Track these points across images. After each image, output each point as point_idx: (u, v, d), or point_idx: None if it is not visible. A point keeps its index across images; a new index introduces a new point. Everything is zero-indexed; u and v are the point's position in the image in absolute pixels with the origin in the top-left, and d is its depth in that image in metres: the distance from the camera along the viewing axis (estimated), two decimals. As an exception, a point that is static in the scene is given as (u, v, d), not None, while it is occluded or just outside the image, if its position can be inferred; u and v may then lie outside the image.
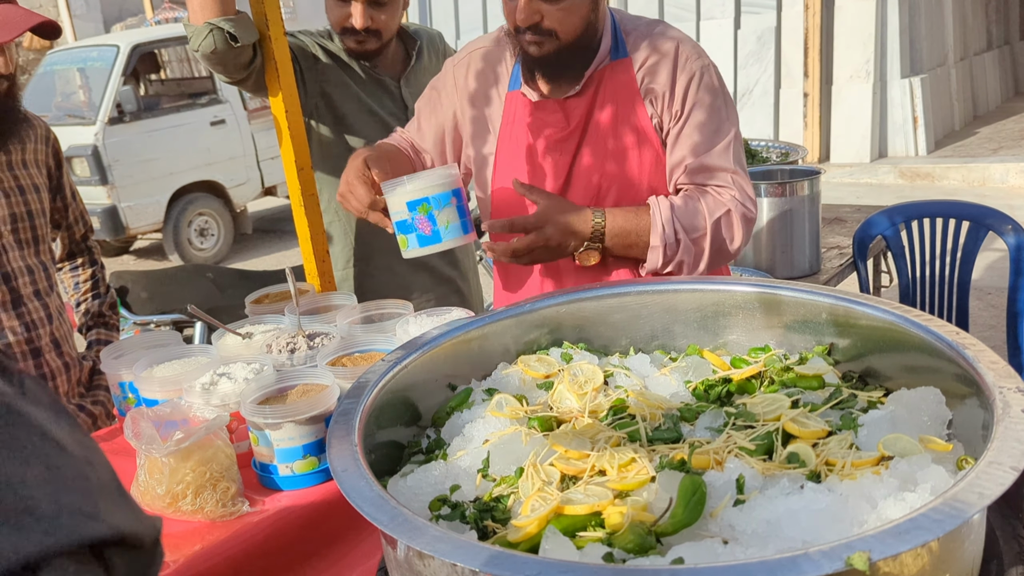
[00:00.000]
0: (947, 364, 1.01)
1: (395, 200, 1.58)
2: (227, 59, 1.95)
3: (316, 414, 1.40)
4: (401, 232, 1.60)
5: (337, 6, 2.14)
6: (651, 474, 0.91)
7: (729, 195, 1.67)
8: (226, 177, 7.97)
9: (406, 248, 1.61)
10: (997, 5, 11.59)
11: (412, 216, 1.57)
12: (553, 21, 1.58)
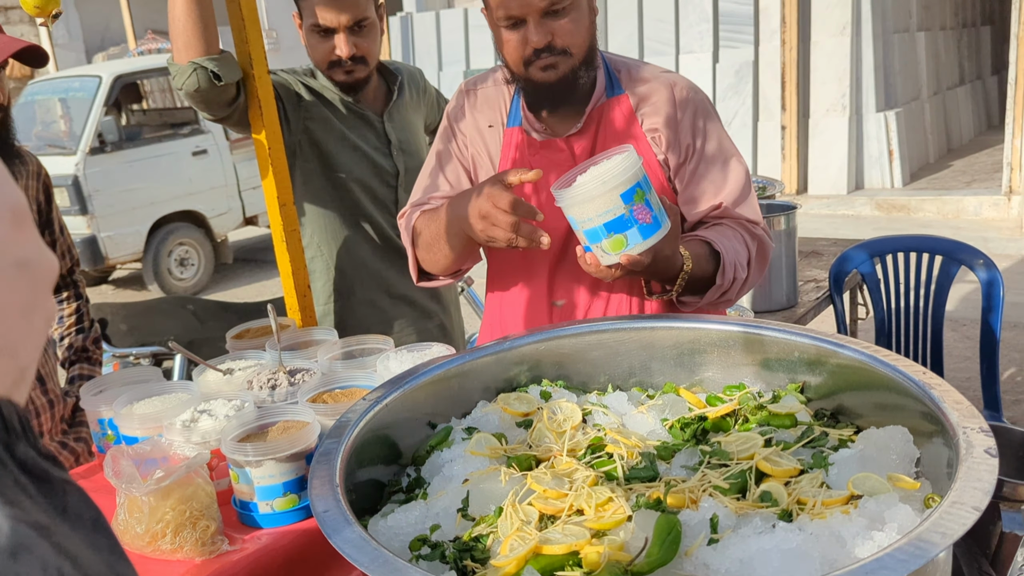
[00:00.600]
0: (914, 403, 1.03)
1: (604, 198, 1.31)
2: (210, 97, 1.98)
3: (297, 451, 1.40)
4: (614, 232, 1.32)
5: (320, 43, 2.17)
6: (627, 513, 0.93)
7: (761, 229, 1.66)
8: (207, 207, 7.96)
9: (624, 247, 1.33)
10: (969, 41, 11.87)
11: (630, 208, 1.31)
12: (565, 37, 1.57)
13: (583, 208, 1.34)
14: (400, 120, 2.39)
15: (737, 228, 1.65)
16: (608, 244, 1.34)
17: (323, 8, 2.12)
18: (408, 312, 2.40)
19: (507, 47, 1.61)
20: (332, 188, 2.28)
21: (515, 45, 1.59)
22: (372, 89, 2.35)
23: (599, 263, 1.37)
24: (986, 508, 1.01)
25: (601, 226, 1.33)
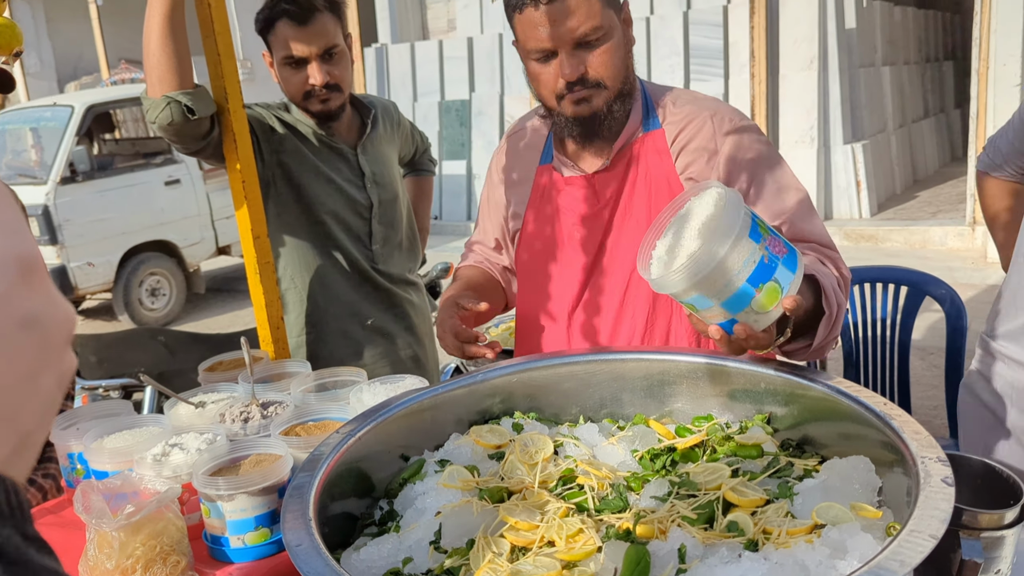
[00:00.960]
0: (876, 433, 1.06)
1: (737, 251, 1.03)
2: (184, 131, 1.99)
3: (269, 485, 1.40)
4: (762, 282, 1.05)
5: (293, 75, 2.20)
6: (597, 544, 0.94)
7: (831, 251, 1.49)
8: (179, 236, 7.92)
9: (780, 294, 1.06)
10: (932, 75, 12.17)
11: (765, 246, 1.05)
12: (598, 68, 1.51)
13: (711, 278, 1.03)
14: (374, 153, 2.41)
15: (811, 252, 1.46)
16: (762, 300, 1.05)
17: (293, 39, 2.15)
18: (382, 344, 2.41)
19: (539, 81, 1.56)
20: (306, 220, 2.29)
21: (547, 79, 1.54)
22: (346, 122, 2.37)
23: (754, 331, 1.09)
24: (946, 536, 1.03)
25: (745, 284, 1.04)
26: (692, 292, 1.05)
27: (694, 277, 1.03)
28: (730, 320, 1.07)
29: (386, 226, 2.41)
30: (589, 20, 1.46)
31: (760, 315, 1.07)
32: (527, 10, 1.48)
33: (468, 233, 10.62)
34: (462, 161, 10.82)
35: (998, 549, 1.08)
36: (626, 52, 1.56)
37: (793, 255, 1.08)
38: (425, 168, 2.87)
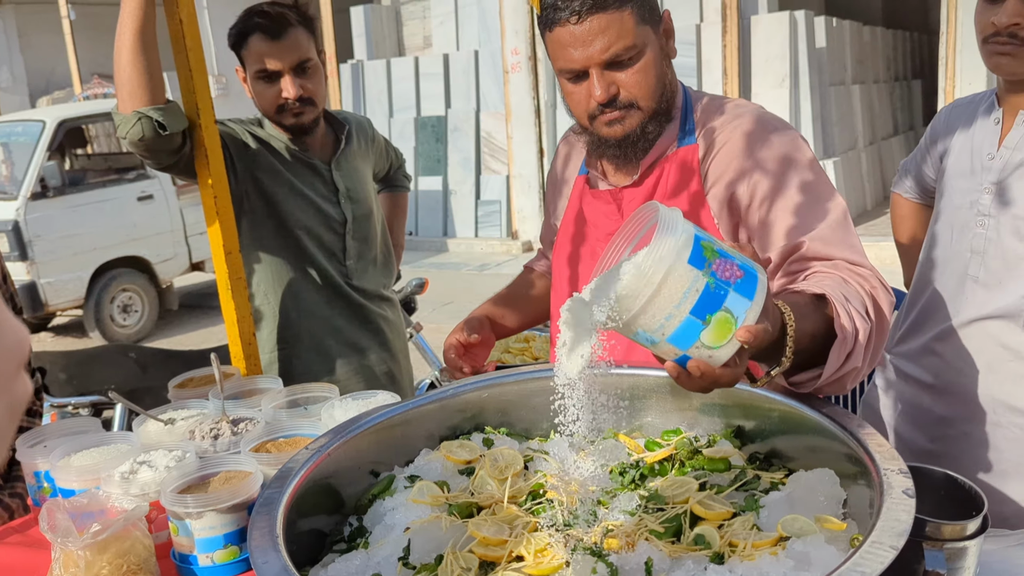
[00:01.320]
0: (841, 446, 1.08)
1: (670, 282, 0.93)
2: (156, 147, 1.98)
3: (238, 502, 1.39)
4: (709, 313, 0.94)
5: (266, 89, 2.20)
6: (565, 559, 0.95)
7: (867, 270, 1.34)
8: (152, 252, 7.86)
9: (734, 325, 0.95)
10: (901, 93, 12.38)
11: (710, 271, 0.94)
12: (631, 89, 1.45)
13: (649, 311, 0.94)
14: (348, 168, 2.41)
15: (834, 271, 1.32)
16: (710, 335, 0.95)
17: (266, 53, 2.15)
18: (356, 359, 2.40)
19: (571, 100, 1.51)
20: (279, 236, 2.29)
21: (579, 99, 1.48)
22: (320, 137, 2.38)
23: (712, 369, 0.98)
24: (910, 547, 1.05)
25: (688, 317, 0.93)
26: (633, 329, 0.96)
27: (625, 315, 0.94)
28: (683, 357, 0.97)
29: (360, 242, 2.41)
30: (621, 40, 1.40)
31: (713, 350, 0.95)
32: (557, 29, 1.43)
33: (444, 249, 10.63)
34: (438, 177, 10.83)
35: (961, 560, 1.09)
36: (663, 68, 1.49)
37: (751, 279, 0.96)
38: (400, 184, 2.87)
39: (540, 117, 10.06)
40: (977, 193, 1.65)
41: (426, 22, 11.39)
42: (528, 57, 9.90)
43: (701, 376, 0.99)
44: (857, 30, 10.54)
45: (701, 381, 1.00)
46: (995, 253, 1.61)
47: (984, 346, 1.63)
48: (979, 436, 1.67)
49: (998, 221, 1.61)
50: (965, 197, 1.68)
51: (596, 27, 1.39)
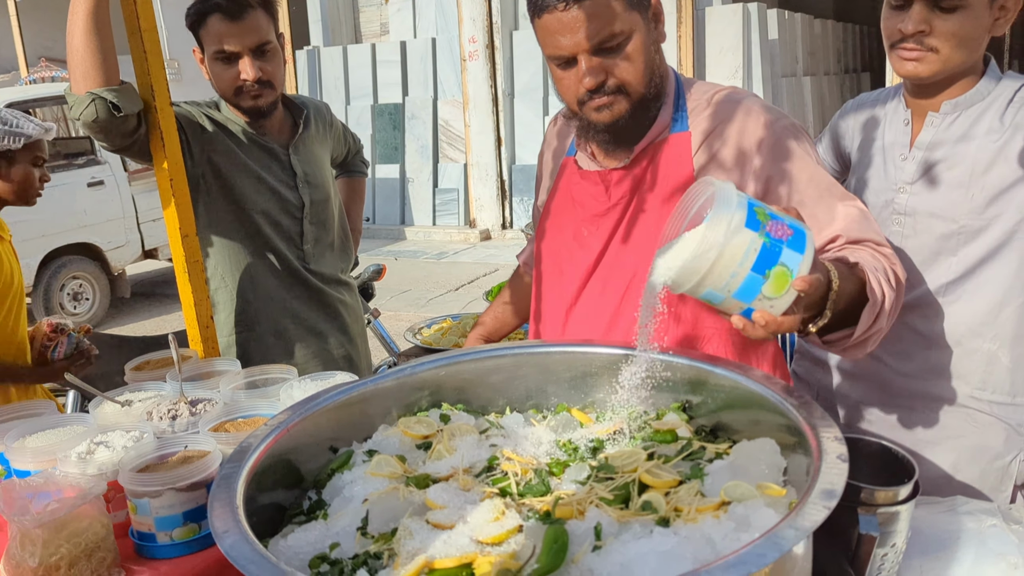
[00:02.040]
0: (781, 418, 1.13)
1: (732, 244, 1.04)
2: (110, 128, 1.97)
3: (197, 480, 1.40)
4: (768, 268, 1.06)
5: (224, 70, 2.19)
6: (518, 524, 0.98)
7: (889, 252, 1.39)
8: (103, 239, 7.72)
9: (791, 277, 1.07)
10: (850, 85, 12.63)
11: (764, 232, 1.06)
12: (619, 74, 1.45)
13: (716, 271, 1.06)
14: (306, 153, 2.42)
15: (862, 249, 1.39)
16: (771, 287, 1.07)
17: (225, 34, 2.15)
18: (314, 343, 2.41)
19: (561, 86, 1.51)
20: (236, 220, 2.29)
21: (568, 84, 1.48)
22: (278, 122, 2.38)
23: (774, 318, 1.09)
24: (845, 513, 1.11)
25: (750, 274, 1.06)
26: (702, 289, 1.09)
27: (695, 276, 1.06)
28: (748, 309, 1.10)
29: (318, 226, 2.42)
30: (608, 26, 1.40)
31: (774, 300, 1.08)
32: (545, 16, 1.42)
33: (402, 237, 10.60)
34: (395, 164, 10.79)
35: (893, 524, 1.15)
36: (652, 53, 1.49)
37: (800, 236, 1.07)
38: (357, 169, 2.88)
39: (498, 106, 10.08)
40: (892, 192, 1.71)
41: (383, 9, 11.31)
42: (485, 45, 9.90)
43: (765, 325, 1.10)
44: (808, 23, 10.73)
45: (765, 329, 1.11)
46: (913, 249, 1.69)
47: (901, 334, 1.70)
48: (896, 418, 1.75)
49: (914, 219, 1.68)
50: (879, 196, 1.74)
51: (583, 14, 1.39)
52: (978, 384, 1.67)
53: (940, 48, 1.57)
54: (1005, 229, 1.60)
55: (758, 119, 1.50)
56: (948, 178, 1.63)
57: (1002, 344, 1.65)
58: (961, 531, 1.24)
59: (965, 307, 1.65)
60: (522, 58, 9.91)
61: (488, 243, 10.21)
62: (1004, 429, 1.67)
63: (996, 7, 1.57)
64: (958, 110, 1.64)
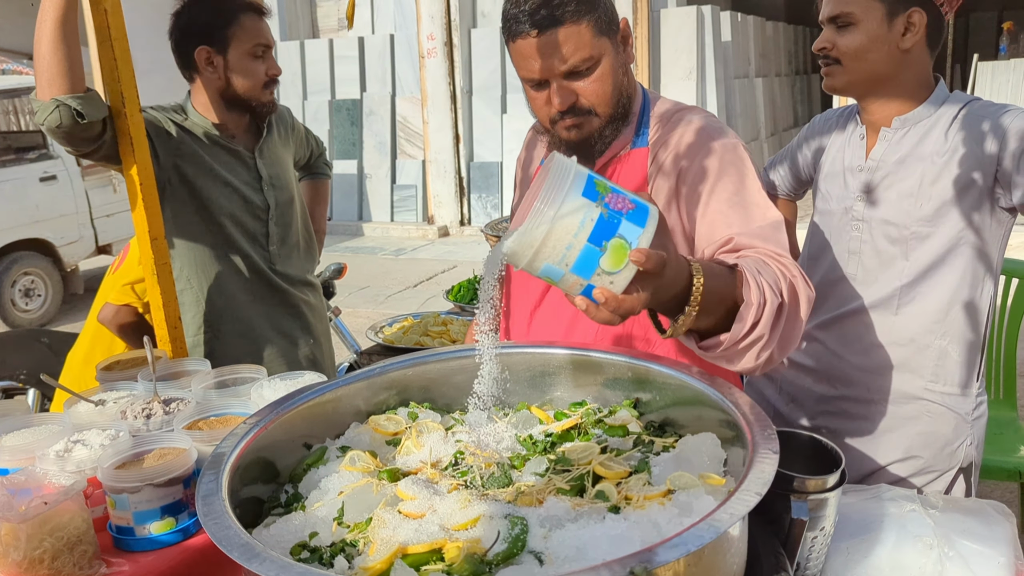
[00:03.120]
0: (722, 414, 1.24)
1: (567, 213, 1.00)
2: (74, 134, 2.00)
3: (174, 476, 1.47)
4: (605, 239, 1.01)
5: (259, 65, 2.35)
6: (482, 513, 1.08)
7: (790, 262, 1.37)
8: (56, 235, 7.63)
9: (628, 249, 1.02)
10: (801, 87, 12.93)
11: (602, 202, 1.02)
12: (589, 96, 1.52)
13: (550, 243, 1.01)
14: (270, 156, 2.48)
15: (756, 255, 1.37)
16: (608, 261, 1.02)
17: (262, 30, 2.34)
18: (279, 343, 2.48)
19: (534, 105, 1.59)
20: (202, 222, 2.34)
21: (540, 105, 1.56)
22: (243, 126, 2.44)
23: (615, 295, 1.04)
24: (779, 500, 1.22)
25: (586, 245, 1.01)
26: (539, 263, 1.03)
27: (530, 249, 1.02)
28: (587, 287, 1.05)
29: (283, 228, 2.48)
30: (578, 52, 1.47)
31: (614, 275, 1.03)
32: (519, 40, 1.49)
33: (360, 233, 10.61)
34: (353, 161, 10.79)
35: (822, 509, 1.27)
36: (620, 76, 1.56)
37: (642, 210, 1.03)
38: (321, 171, 2.95)
39: (456, 103, 10.14)
40: (850, 201, 1.86)
41: (340, 4, 11.28)
42: (444, 43, 9.95)
43: (605, 302, 1.04)
44: (761, 25, 10.97)
45: (606, 307, 1.05)
46: (869, 253, 1.83)
47: (861, 333, 1.84)
48: (855, 411, 1.89)
49: (870, 226, 1.82)
50: (839, 204, 1.89)
51: (555, 40, 1.46)
52: (931, 377, 1.81)
53: (843, 61, 1.77)
54: (950, 236, 1.74)
55: (695, 127, 1.58)
56: (899, 188, 1.78)
57: (952, 340, 1.79)
58: (884, 516, 1.36)
59: (918, 307, 1.79)
60: (480, 56, 9.97)
61: (446, 240, 10.27)
62: (954, 418, 1.82)
63: (900, 22, 1.71)
64: (907, 125, 1.78)
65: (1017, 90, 8.45)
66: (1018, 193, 1.63)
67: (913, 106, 1.78)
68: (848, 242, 1.87)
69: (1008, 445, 2.78)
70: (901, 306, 1.80)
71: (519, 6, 1.49)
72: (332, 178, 3.06)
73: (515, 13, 1.49)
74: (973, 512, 1.36)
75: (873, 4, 1.72)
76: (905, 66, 1.76)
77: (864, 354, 1.86)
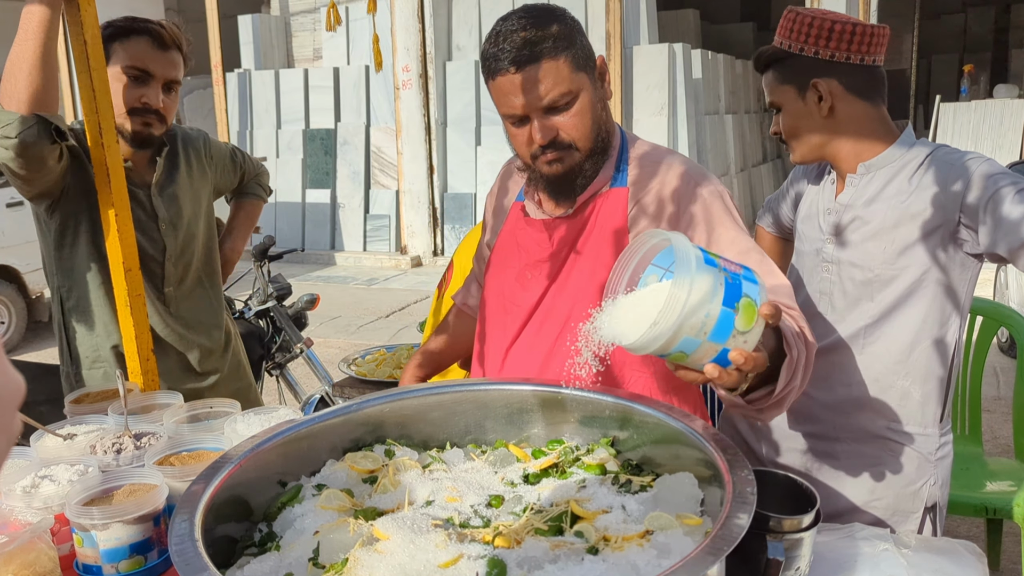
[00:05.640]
0: (700, 453, 1.25)
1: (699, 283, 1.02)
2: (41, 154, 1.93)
3: (144, 513, 1.44)
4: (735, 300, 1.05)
5: (133, 87, 2.16)
6: (460, 554, 1.07)
7: (799, 314, 1.44)
8: (21, 262, 7.51)
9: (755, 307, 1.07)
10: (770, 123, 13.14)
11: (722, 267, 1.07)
12: (569, 131, 1.55)
13: (692, 315, 1.02)
14: (171, 192, 2.32)
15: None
16: (742, 320, 1.05)
17: (149, 57, 2.15)
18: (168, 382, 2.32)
19: (515, 141, 1.61)
20: (96, 263, 2.22)
21: (521, 141, 1.59)
22: (143, 158, 2.29)
23: (751, 354, 1.09)
24: (754, 539, 1.23)
25: (722, 309, 1.03)
26: (676, 341, 1.04)
27: (673, 327, 1.02)
28: (721, 351, 1.06)
29: (182, 269, 2.35)
30: (557, 87, 1.50)
31: (747, 334, 1.06)
32: (499, 78, 1.52)
33: (332, 263, 10.57)
34: (326, 190, 10.78)
35: (798, 549, 1.28)
36: (598, 110, 1.59)
37: (748, 270, 1.09)
38: (252, 192, 2.77)
39: (431, 134, 10.19)
40: (821, 242, 1.91)
41: (316, 35, 11.33)
42: (419, 75, 10.02)
43: (744, 362, 1.08)
44: (731, 63, 11.18)
45: (744, 367, 1.09)
46: (838, 294, 1.87)
47: (828, 372, 1.87)
48: (821, 448, 1.91)
49: (839, 267, 1.87)
50: (812, 245, 1.94)
51: (534, 77, 1.50)
52: (893, 417, 1.84)
53: (788, 141, 1.93)
54: (913, 278, 1.78)
55: (678, 172, 1.62)
56: (864, 231, 1.83)
57: (913, 381, 1.82)
58: (858, 555, 1.37)
59: (882, 347, 1.83)
60: (455, 88, 10.05)
61: (419, 270, 10.26)
62: (917, 457, 1.84)
63: (811, 95, 1.83)
64: (872, 171, 1.83)
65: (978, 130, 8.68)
66: (985, 238, 1.67)
67: (877, 151, 1.83)
68: (819, 283, 1.91)
69: (974, 481, 2.82)
70: (866, 345, 1.84)
71: (498, 44, 1.52)
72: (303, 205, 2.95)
73: (494, 52, 1.52)
74: (945, 552, 1.38)
75: (785, 88, 1.87)
76: (839, 125, 1.84)
77: (830, 392, 1.88)
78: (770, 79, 1.91)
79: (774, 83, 1.90)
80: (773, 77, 1.90)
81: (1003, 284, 6.07)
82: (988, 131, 8.58)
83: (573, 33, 1.54)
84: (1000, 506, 2.64)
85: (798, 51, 1.83)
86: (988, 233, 1.66)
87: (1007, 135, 8.50)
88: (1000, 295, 6.09)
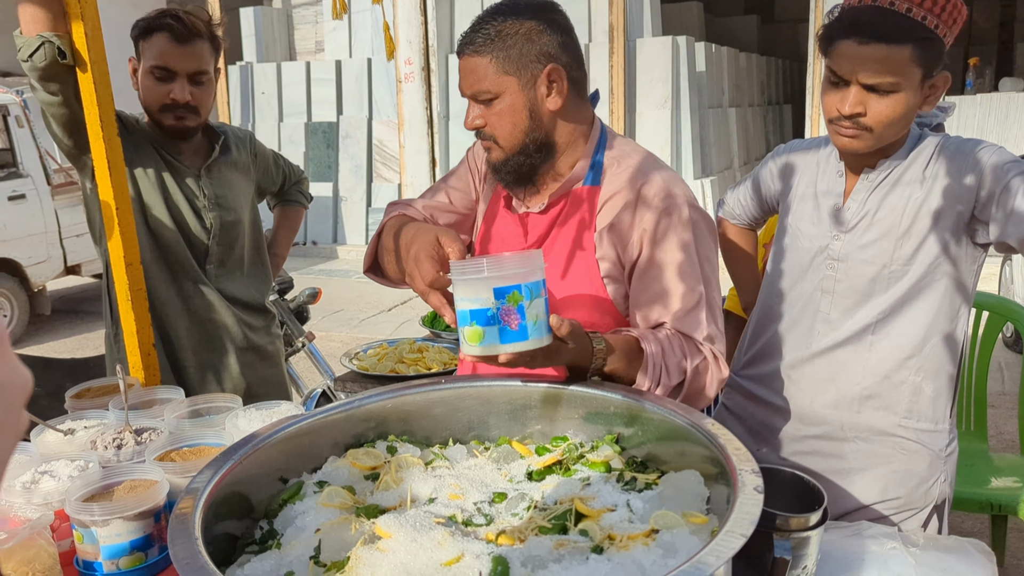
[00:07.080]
0: (705, 450, 1.23)
1: (475, 285, 1.28)
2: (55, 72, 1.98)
3: (145, 509, 1.43)
4: (476, 323, 1.30)
5: (157, 86, 2.25)
6: (463, 552, 1.06)
7: (708, 348, 1.57)
8: (23, 255, 7.50)
9: (479, 342, 1.31)
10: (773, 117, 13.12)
11: (498, 306, 1.28)
12: (492, 127, 1.59)
13: (459, 288, 1.30)
14: (219, 176, 2.45)
15: (678, 337, 1.56)
16: (468, 332, 1.31)
17: (168, 53, 2.22)
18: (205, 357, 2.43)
19: None
20: (146, 236, 2.31)
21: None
22: (193, 145, 2.42)
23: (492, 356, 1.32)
24: (761, 538, 1.21)
25: (467, 311, 1.29)
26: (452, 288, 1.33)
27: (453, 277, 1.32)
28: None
29: (224, 248, 2.45)
30: (478, 83, 1.57)
31: (464, 342, 1.33)
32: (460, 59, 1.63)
33: (334, 256, 10.56)
34: (328, 183, 10.76)
35: (805, 548, 1.27)
36: (526, 115, 1.57)
37: (519, 336, 1.29)
38: (293, 199, 2.92)
39: (433, 128, 10.16)
40: (826, 239, 1.83)
41: (318, 27, 11.30)
42: (421, 68, 9.99)
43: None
44: (734, 56, 11.14)
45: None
46: (844, 292, 1.82)
47: (834, 372, 1.83)
48: (828, 450, 1.88)
49: (847, 264, 1.80)
50: (814, 242, 1.86)
51: (467, 65, 1.59)
52: (904, 414, 1.80)
53: (874, 128, 1.66)
54: (924, 271, 1.73)
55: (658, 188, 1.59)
56: (880, 227, 1.76)
57: (925, 376, 1.79)
58: (865, 553, 1.36)
59: (892, 343, 1.79)
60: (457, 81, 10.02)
61: (421, 263, 10.23)
62: (928, 455, 1.81)
63: (927, 86, 1.65)
64: (889, 167, 1.77)
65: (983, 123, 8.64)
66: (996, 228, 1.65)
67: (897, 148, 1.78)
68: (821, 280, 1.85)
69: (979, 477, 2.80)
70: (875, 342, 1.80)
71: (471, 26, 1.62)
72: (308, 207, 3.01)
73: (465, 34, 1.62)
74: (954, 550, 1.37)
75: (915, 71, 1.61)
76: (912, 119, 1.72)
77: (837, 392, 1.84)
78: (893, 53, 1.58)
79: (901, 60, 1.59)
80: (908, 54, 1.59)
81: (1008, 279, 6.03)
82: (994, 124, 8.54)
83: (530, 33, 1.54)
84: (1005, 502, 2.63)
85: (942, 34, 1.60)
86: (999, 223, 1.63)
87: (1012, 129, 8.46)
88: (1005, 290, 6.06)
